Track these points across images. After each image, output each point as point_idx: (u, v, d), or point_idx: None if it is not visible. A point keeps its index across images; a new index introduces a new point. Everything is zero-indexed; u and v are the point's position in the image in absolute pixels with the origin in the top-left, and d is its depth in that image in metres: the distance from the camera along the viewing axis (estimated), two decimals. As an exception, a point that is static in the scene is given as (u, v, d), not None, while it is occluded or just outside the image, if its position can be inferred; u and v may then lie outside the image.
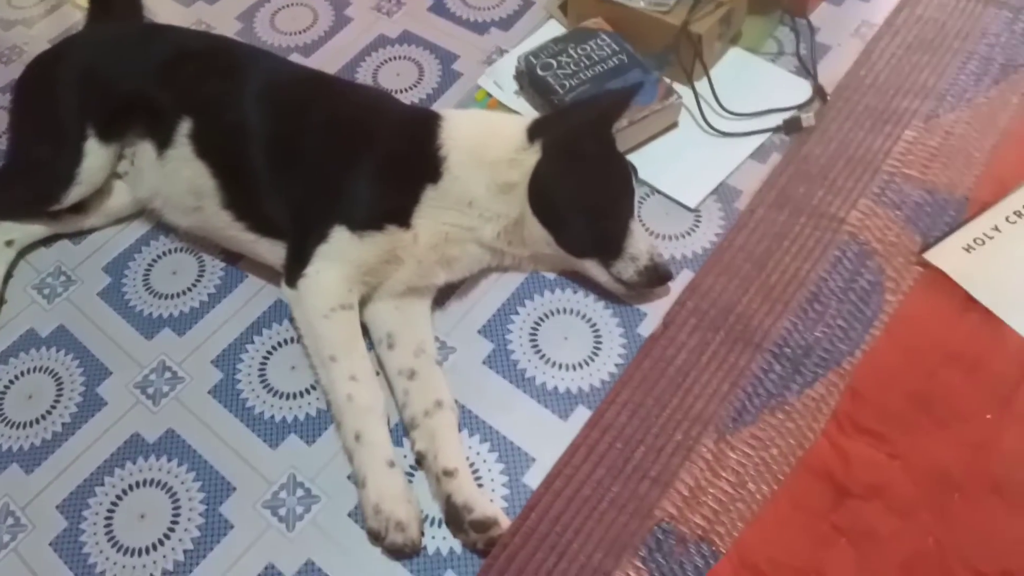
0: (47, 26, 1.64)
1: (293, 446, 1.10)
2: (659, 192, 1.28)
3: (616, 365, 1.11)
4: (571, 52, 1.36)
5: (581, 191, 1.11)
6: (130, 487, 1.07)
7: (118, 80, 1.23)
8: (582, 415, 1.07)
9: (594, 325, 1.16)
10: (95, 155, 1.23)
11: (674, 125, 1.35)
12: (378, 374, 1.11)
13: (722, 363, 1.08)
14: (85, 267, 1.30)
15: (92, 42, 1.33)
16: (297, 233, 1.13)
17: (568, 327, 1.16)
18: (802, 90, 1.36)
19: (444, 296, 1.20)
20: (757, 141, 1.31)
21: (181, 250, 1.31)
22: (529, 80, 1.36)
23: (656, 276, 1.12)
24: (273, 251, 1.17)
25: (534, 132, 1.12)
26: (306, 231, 1.11)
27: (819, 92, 1.34)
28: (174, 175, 1.22)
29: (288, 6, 1.62)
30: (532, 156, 1.11)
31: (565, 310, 1.18)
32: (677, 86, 1.33)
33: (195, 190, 1.20)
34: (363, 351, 1.08)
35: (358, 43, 1.54)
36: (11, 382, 1.19)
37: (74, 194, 1.25)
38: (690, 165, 1.30)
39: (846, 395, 1.05)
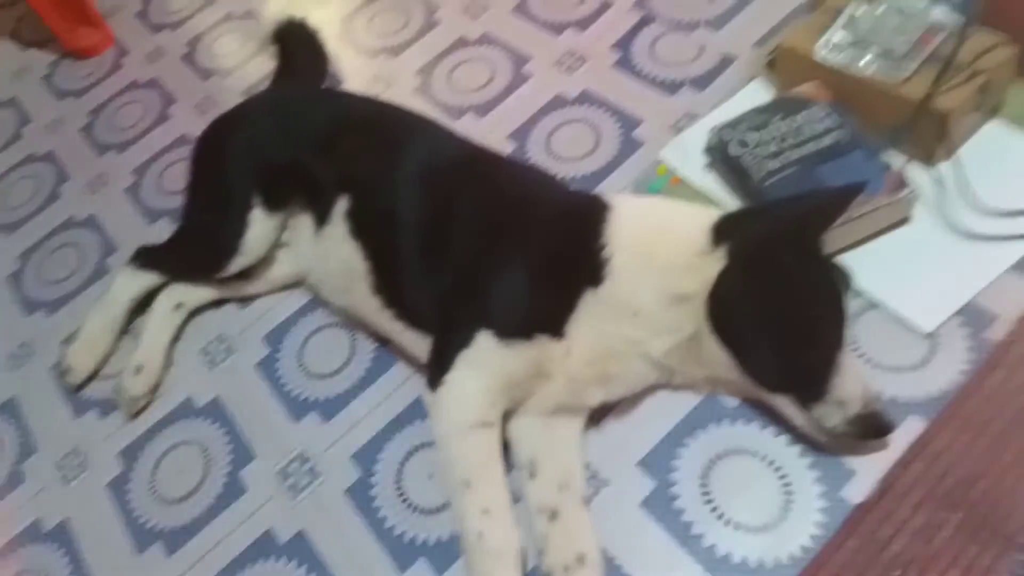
0: (241, 78, 1.68)
1: (420, 570, 0.99)
2: (881, 307, 1.03)
3: (811, 537, 0.89)
4: (775, 125, 1.13)
5: (774, 312, 0.90)
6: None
7: (285, 149, 1.19)
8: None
9: (784, 476, 0.94)
10: (259, 225, 1.20)
11: (904, 220, 1.08)
12: (518, 502, 0.97)
13: (958, 557, 0.82)
14: (246, 335, 1.29)
15: (266, 107, 1.31)
16: (442, 332, 1.02)
17: (750, 474, 0.95)
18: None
19: (600, 414, 1.04)
20: (1021, 248, 1.02)
21: (337, 325, 1.25)
22: (721, 156, 1.16)
23: (871, 429, 0.89)
24: (418, 344, 1.08)
25: (720, 232, 0.92)
26: (451, 332, 0.99)
27: (1119, 187, 1.02)
28: (329, 253, 1.16)
29: (467, 61, 1.53)
30: (715, 263, 0.91)
31: (748, 450, 0.97)
32: (912, 167, 1.06)
33: (347, 271, 1.13)
34: (501, 479, 0.94)
35: (535, 103, 1.41)
36: (164, 453, 1.19)
37: (237, 264, 1.23)
38: (926, 274, 1.03)
39: None
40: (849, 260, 1.04)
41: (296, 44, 1.50)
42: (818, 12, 1.20)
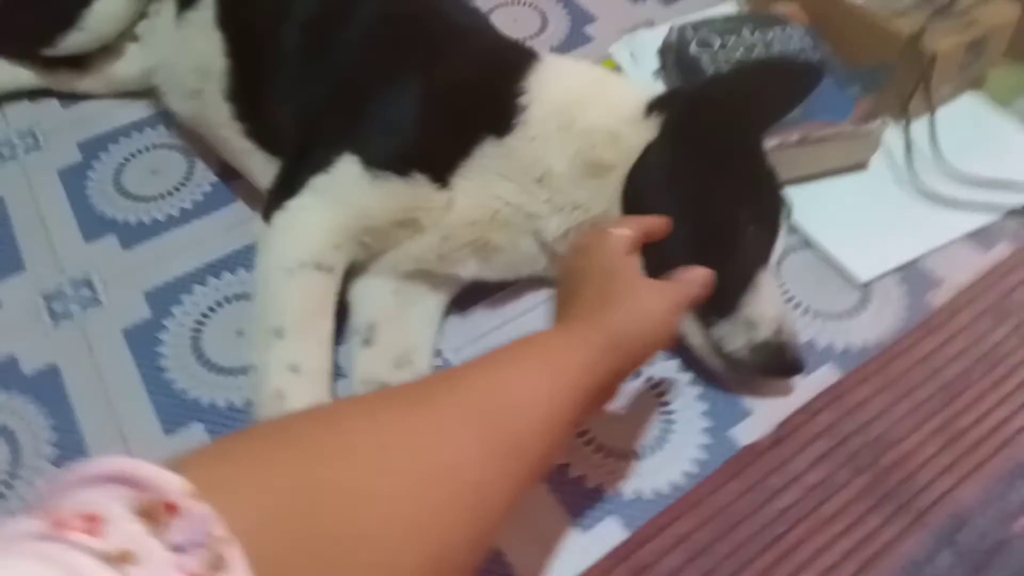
0: None
1: (193, 437, 0.76)
2: (817, 248, 0.88)
3: (684, 474, 0.71)
4: (745, 35, 0.98)
5: (700, 197, 0.73)
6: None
7: None
8: (611, 533, 0.68)
9: (667, 404, 0.76)
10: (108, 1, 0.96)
11: (862, 165, 0.94)
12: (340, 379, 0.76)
13: (854, 525, 0.66)
14: (60, 136, 1.03)
15: None
16: (296, 152, 0.80)
17: (630, 395, 0.77)
18: (1063, 172, 0.94)
19: (469, 299, 0.84)
20: (981, 219, 0.89)
21: (175, 148, 1.01)
22: (677, 57, 1.00)
23: (778, 362, 0.72)
24: (267, 170, 0.85)
25: (659, 104, 0.76)
26: (308, 151, 0.78)
27: (1091, 178, 0.91)
28: (185, 44, 0.92)
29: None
30: (644, 133, 0.74)
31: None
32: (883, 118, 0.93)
33: (202, 68, 0.89)
34: (324, 337, 0.73)
35: (479, -25, 1.23)
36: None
37: (74, 41, 0.97)
38: (873, 225, 0.89)
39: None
40: (794, 193, 0.89)
41: None
42: (809, -65, 1.07)
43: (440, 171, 0.76)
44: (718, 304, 0.71)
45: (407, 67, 0.79)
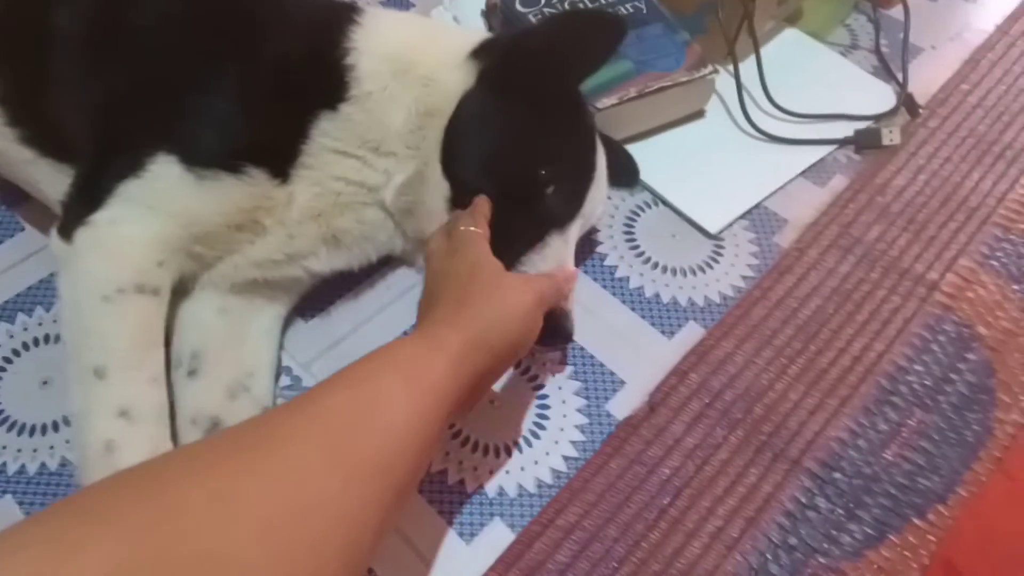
0: None
1: (1, 512, 0.64)
2: (666, 204, 0.86)
3: (565, 459, 0.68)
4: (570, -11, 0.95)
5: (503, 147, 0.69)
6: None
7: None
8: (497, 537, 0.64)
9: (541, 387, 0.73)
10: None
11: (700, 114, 0.93)
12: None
13: (736, 482, 0.65)
14: None
15: None
16: (94, 155, 0.68)
17: (499, 386, 0.73)
18: (883, 97, 0.96)
19: (315, 304, 0.77)
20: (815, 154, 0.91)
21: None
22: (503, 19, 0.95)
23: (545, 324, 0.64)
24: (57, 182, 0.72)
25: (480, 53, 0.71)
26: (109, 154, 0.67)
27: (908, 102, 0.95)
28: None
29: None
30: (463, 79, 0.69)
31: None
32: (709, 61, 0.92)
33: None
34: (158, 369, 0.63)
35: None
36: None
37: None
38: (716, 174, 0.88)
39: (934, 568, 0.63)
40: (636, 150, 0.86)
41: None
42: None
43: (279, 163, 0.67)
44: (500, 259, 0.64)
45: (220, 47, 0.68)
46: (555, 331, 0.65)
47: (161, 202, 0.64)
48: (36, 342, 0.74)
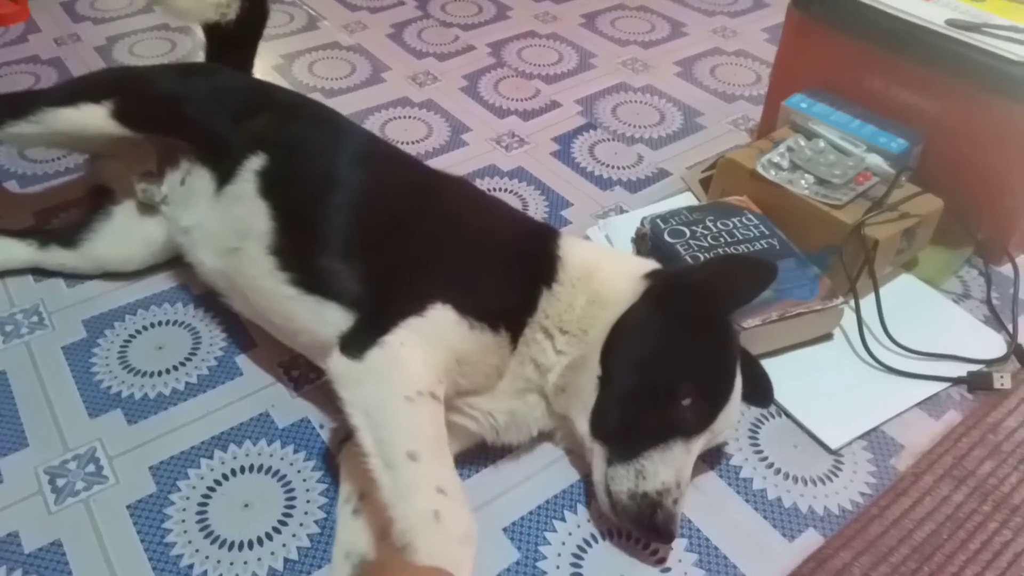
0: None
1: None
2: (790, 417, 0.96)
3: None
4: (709, 224, 1.11)
5: (655, 348, 0.85)
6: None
7: (186, 97, 1.06)
8: None
9: (668, 570, 0.80)
10: (87, 116, 1.04)
11: (828, 337, 1.05)
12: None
13: None
14: (65, 314, 1.07)
15: (204, 69, 1.21)
16: (379, 297, 0.86)
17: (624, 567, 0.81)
18: (993, 344, 1.05)
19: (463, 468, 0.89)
20: (930, 389, 0.99)
21: (180, 325, 1.06)
22: (652, 245, 1.12)
23: (650, 518, 0.78)
24: (314, 313, 0.89)
25: (650, 276, 0.90)
26: (395, 297, 0.84)
27: (1018, 352, 1.03)
28: (227, 211, 0.99)
29: (406, 118, 1.48)
30: (633, 290, 0.88)
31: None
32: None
33: (242, 230, 0.95)
34: (452, 464, 0.76)
35: (468, 165, 1.36)
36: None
37: (30, 127, 1.04)
38: (837, 395, 0.98)
39: None
40: (768, 365, 0.98)
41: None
42: (759, 140, 1.23)
43: (516, 326, 0.86)
44: (625, 448, 0.80)
45: (478, 236, 0.92)
46: (656, 528, 0.76)
47: (440, 338, 0.81)
48: (243, 470, 0.89)
